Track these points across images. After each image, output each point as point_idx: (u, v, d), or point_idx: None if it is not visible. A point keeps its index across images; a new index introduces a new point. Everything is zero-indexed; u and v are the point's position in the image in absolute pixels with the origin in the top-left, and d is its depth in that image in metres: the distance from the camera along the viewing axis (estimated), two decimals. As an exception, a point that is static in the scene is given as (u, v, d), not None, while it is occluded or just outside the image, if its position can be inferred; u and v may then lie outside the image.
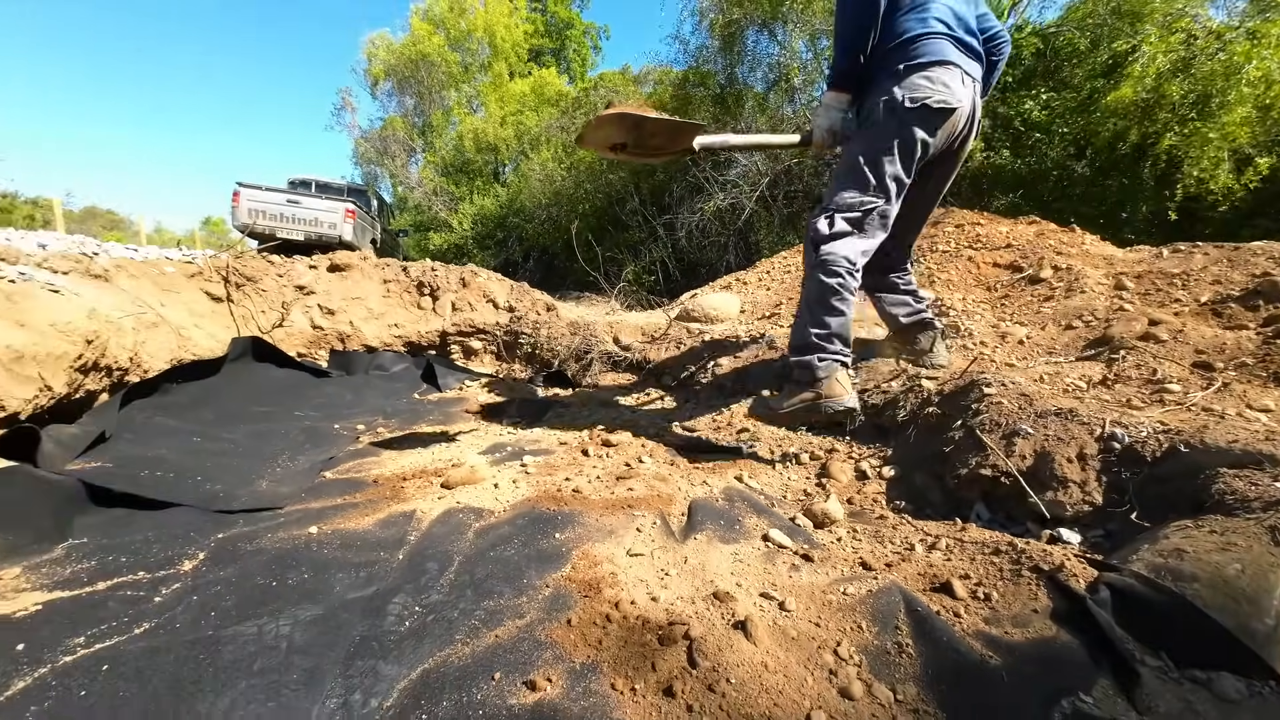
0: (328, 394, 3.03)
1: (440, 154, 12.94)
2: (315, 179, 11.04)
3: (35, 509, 1.29)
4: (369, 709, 0.80)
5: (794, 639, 0.90)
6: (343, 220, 9.56)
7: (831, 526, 1.41)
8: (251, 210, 9.17)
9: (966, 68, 1.67)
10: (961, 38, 1.68)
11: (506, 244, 11.08)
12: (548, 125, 11.34)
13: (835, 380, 1.70)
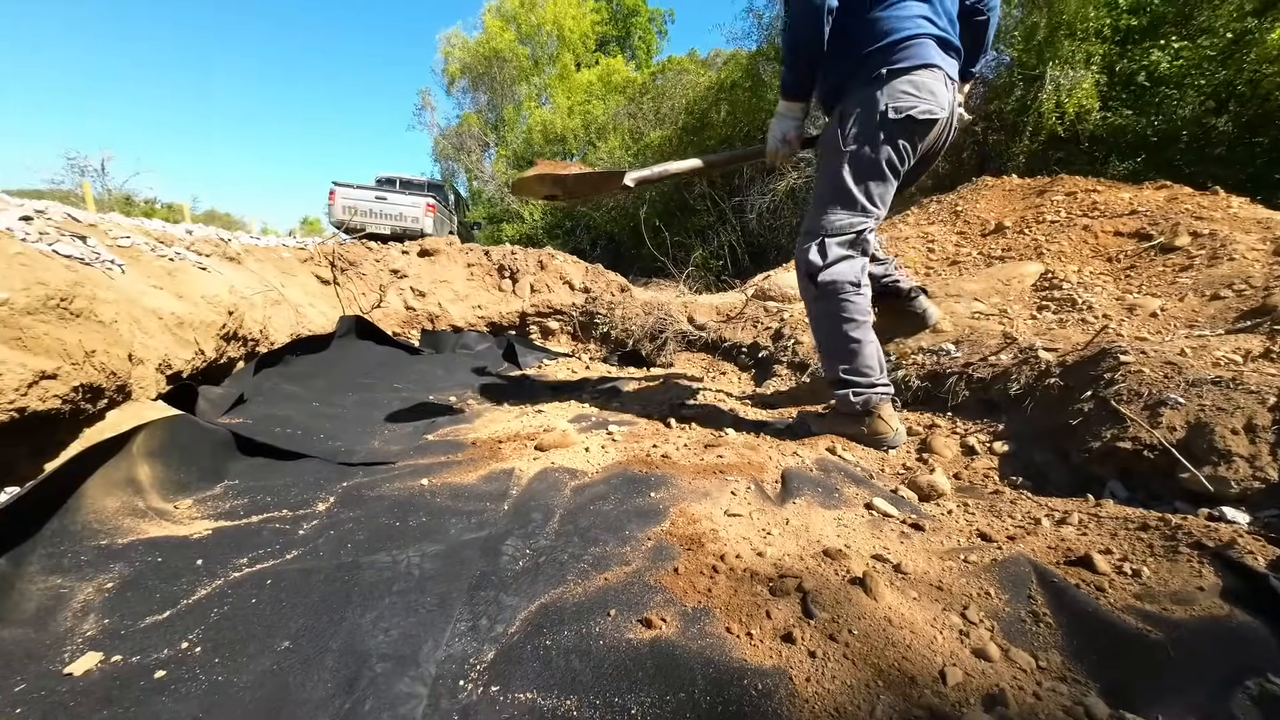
0: (420, 370, 3.24)
1: (512, 147, 13.38)
2: (399, 176, 11.81)
3: (198, 453, 1.47)
4: (495, 633, 0.85)
5: (915, 599, 0.86)
6: (424, 214, 10.18)
7: (939, 499, 1.33)
8: (345, 207, 9.96)
9: (949, 69, 1.53)
10: (944, 34, 1.52)
11: (575, 233, 11.30)
12: (615, 113, 11.40)
13: (879, 417, 1.62)
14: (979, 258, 3.46)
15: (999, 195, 4.48)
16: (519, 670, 0.77)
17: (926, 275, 3.48)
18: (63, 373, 1.12)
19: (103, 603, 0.93)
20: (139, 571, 1.01)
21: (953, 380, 1.88)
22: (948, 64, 1.53)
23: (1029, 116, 5.88)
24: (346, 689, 0.72)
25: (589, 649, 0.79)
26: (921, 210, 5.02)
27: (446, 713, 0.71)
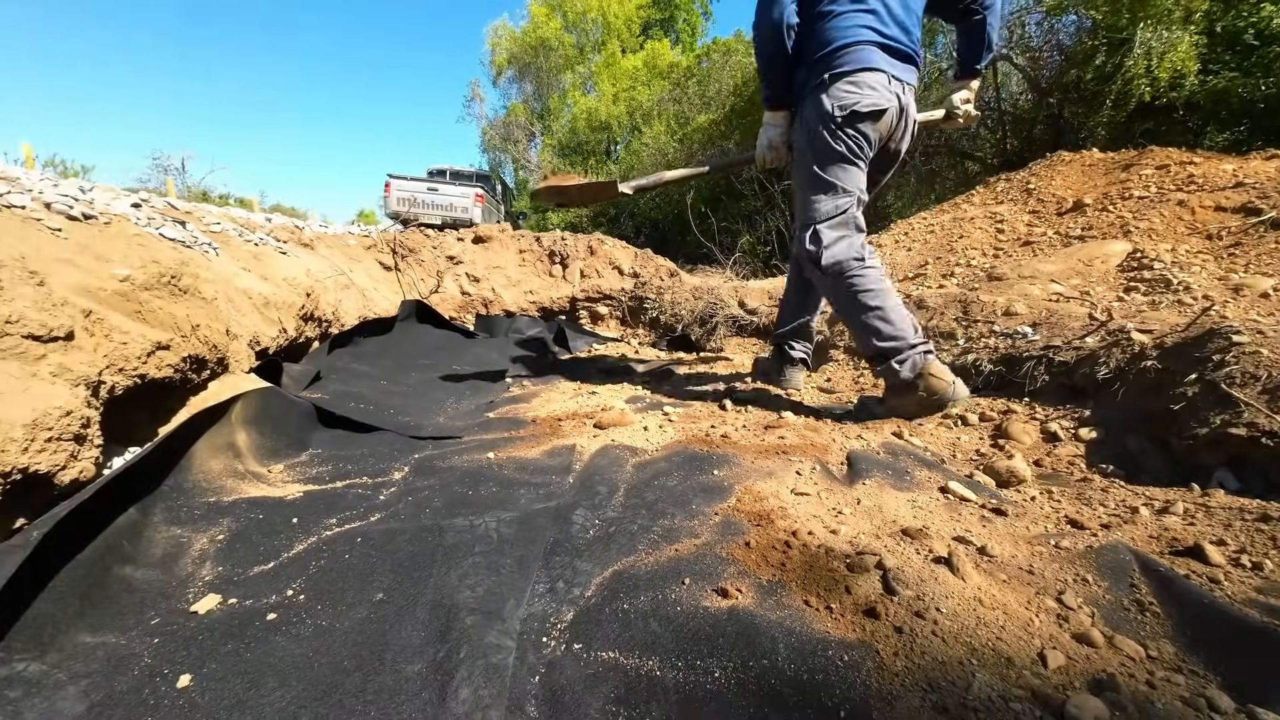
0: (476, 352, 3.35)
1: (557, 136, 13.48)
2: (449, 168, 12.14)
3: (287, 423, 1.58)
4: (572, 595, 0.88)
5: (1004, 582, 0.82)
6: (473, 204, 10.43)
7: (1019, 486, 1.26)
8: (400, 198, 10.32)
9: (894, 71, 1.65)
10: (890, 41, 1.65)
11: (619, 220, 11.31)
12: (660, 99, 11.27)
13: (930, 375, 1.64)
14: (1055, 237, 3.23)
15: (1077, 171, 4.16)
16: (599, 631, 0.78)
17: (995, 257, 3.28)
18: (174, 344, 1.22)
19: (216, 552, 1.02)
20: (244, 526, 1.10)
21: (1031, 364, 1.77)
22: (894, 67, 1.65)
23: (1113, 85, 5.41)
24: (440, 638, 0.76)
25: (667, 614, 0.80)
26: (988, 190, 4.73)
27: (533, 666, 0.73)
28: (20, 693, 0.66)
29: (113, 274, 1.14)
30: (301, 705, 0.66)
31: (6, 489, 0.77)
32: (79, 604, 0.81)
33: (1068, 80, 6.08)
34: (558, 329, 3.79)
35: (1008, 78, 7.15)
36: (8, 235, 1.00)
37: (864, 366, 2.52)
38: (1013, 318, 2.22)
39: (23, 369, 0.83)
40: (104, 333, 1.03)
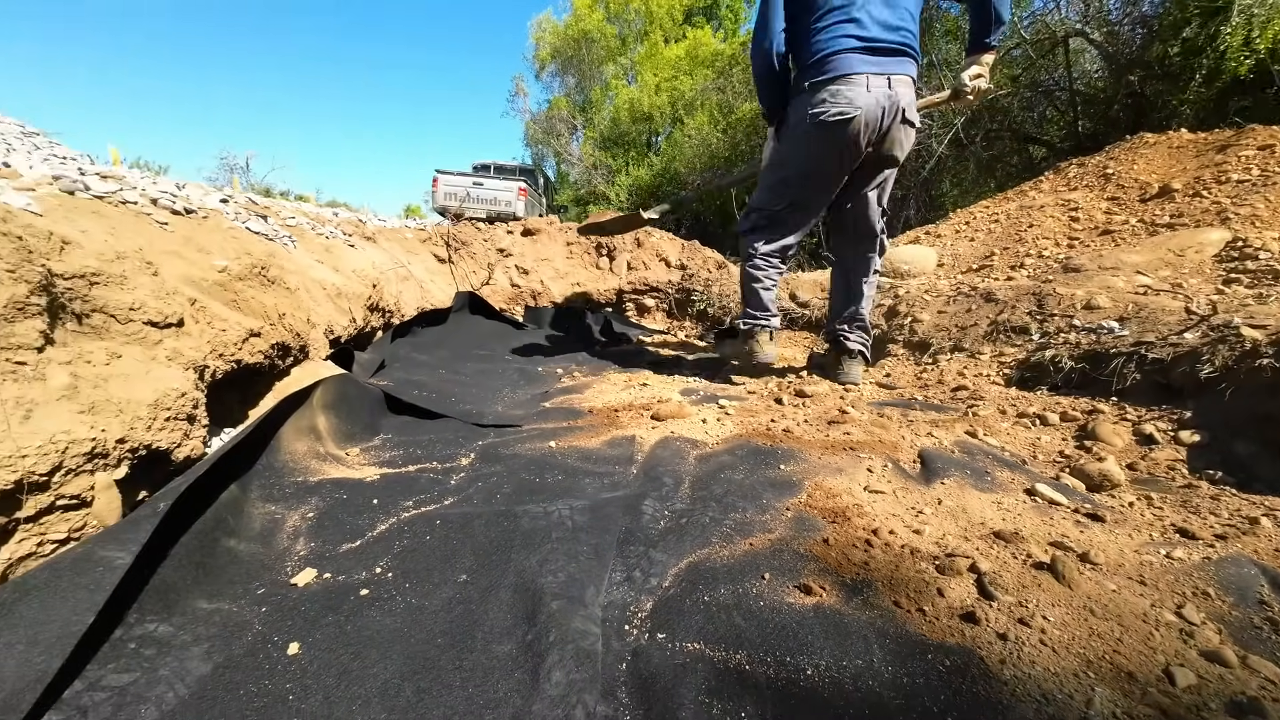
0: (526, 343, 3.41)
1: (599, 129, 13.50)
2: (493, 162, 12.36)
3: (360, 409, 1.65)
4: (650, 585, 0.88)
5: (1115, 592, 0.77)
6: (516, 198, 10.61)
7: (1113, 490, 1.18)
8: (447, 193, 10.60)
9: (878, 69, 1.77)
10: (873, 43, 1.77)
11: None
12: (703, 88, 11.11)
13: (756, 340, 2.24)
14: (1139, 226, 3.00)
15: (1163, 153, 3.84)
16: (681, 621, 0.78)
17: (1070, 247, 3.08)
18: (264, 331, 1.30)
19: (307, 528, 1.08)
20: (330, 505, 1.16)
21: (1119, 361, 1.66)
22: (877, 65, 1.78)
23: (1204, 58, 4.96)
24: (527, 620, 0.78)
25: (750, 608, 0.79)
26: (1059, 175, 4.44)
27: (619, 653, 0.74)
28: (154, 651, 0.71)
29: (212, 265, 1.21)
30: (404, 678, 0.69)
31: (134, 463, 0.83)
32: (195, 572, 0.86)
33: (1151, 56, 5.61)
34: (604, 321, 3.81)
35: (1080, 55, 6.67)
36: (126, 229, 1.08)
37: (925, 361, 2.42)
38: (1095, 312, 2.08)
39: (144, 353, 0.90)
40: (206, 320, 1.10)
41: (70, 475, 0.72)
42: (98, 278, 0.85)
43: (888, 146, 1.91)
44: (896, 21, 1.80)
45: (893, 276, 3.33)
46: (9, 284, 0.69)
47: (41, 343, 0.73)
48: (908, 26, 1.82)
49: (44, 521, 0.70)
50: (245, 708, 0.65)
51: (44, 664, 0.59)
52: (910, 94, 1.84)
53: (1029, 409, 1.69)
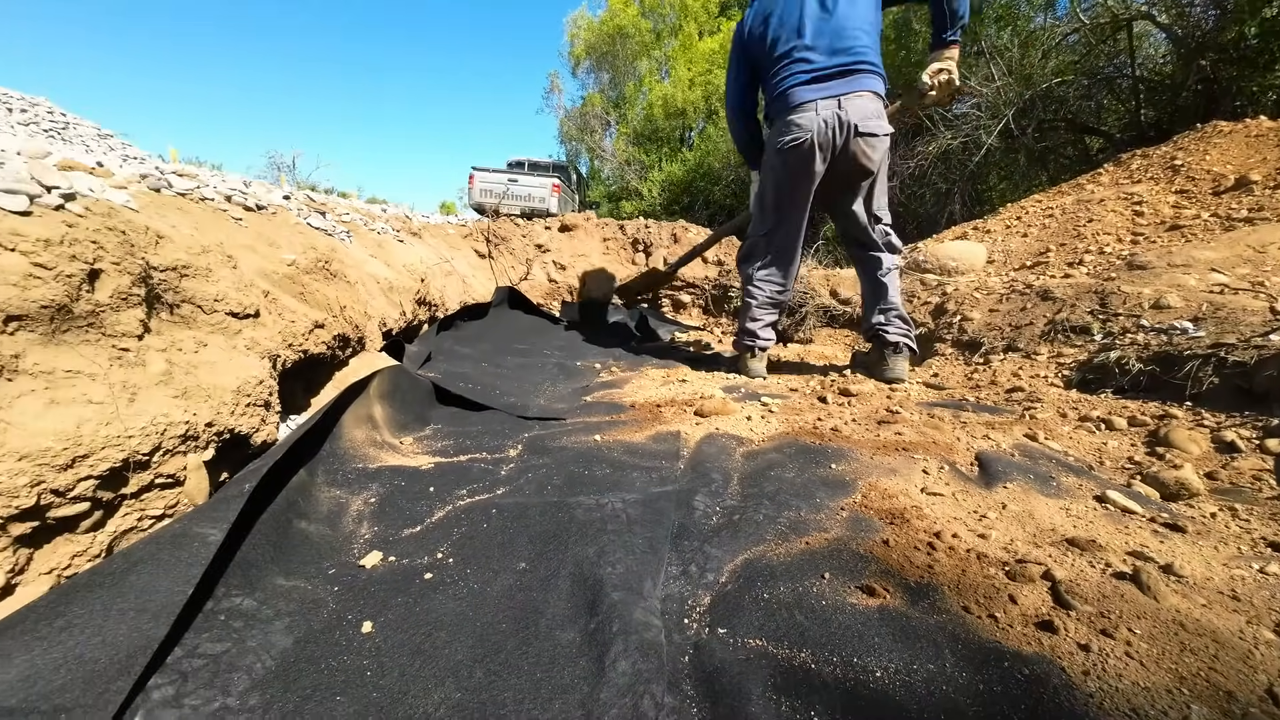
0: (564, 338, 3.44)
1: (632, 124, 13.49)
2: (528, 159, 12.51)
3: (412, 399, 1.70)
4: (706, 580, 0.88)
5: (1205, 607, 0.73)
6: (549, 194, 10.70)
7: (1191, 500, 1.12)
8: (482, 190, 10.77)
9: (821, 96, 2.00)
10: (820, 71, 2.01)
11: (693, 209, 11.18)
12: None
13: (744, 360, 2.41)
14: (1212, 220, 2.82)
15: (1239, 143, 3.59)
16: (742, 617, 0.78)
17: (1134, 243, 2.92)
18: (328, 323, 1.35)
19: (370, 513, 1.12)
20: (390, 492, 1.20)
21: (1195, 364, 1.56)
22: (826, 90, 2.00)
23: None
24: (588, 610, 0.79)
25: (811, 607, 0.78)
26: (1119, 168, 4.21)
27: (680, 645, 0.74)
28: (242, 623, 0.75)
29: (281, 259, 1.27)
30: (475, 660, 0.71)
31: (219, 446, 0.88)
32: (272, 551, 0.91)
33: (1225, 38, 5.24)
34: (640, 316, 3.81)
35: (1143, 39, 6.29)
36: (207, 225, 1.15)
37: (976, 361, 2.33)
38: (1164, 311, 1.97)
39: (225, 342, 0.95)
40: (277, 311, 1.15)
41: (167, 455, 0.77)
42: (187, 270, 0.90)
43: (851, 159, 2.07)
44: (845, 44, 2.01)
45: (939, 273, 3.22)
46: (115, 275, 0.74)
47: (141, 330, 0.78)
48: (860, 44, 2.01)
49: (144, 498, 0.75)
50: (328, 681, 0.68)
51: (151, 630, 0.63)
52: (866, 106, 2.01)
53: (1092, 412, 1.62)
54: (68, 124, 4.03)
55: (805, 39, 2.03)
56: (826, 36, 2.01)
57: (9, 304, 0.61)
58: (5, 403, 0.60)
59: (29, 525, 0.62)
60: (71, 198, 0.74)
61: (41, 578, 0.65)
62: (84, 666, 0.58)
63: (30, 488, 0.60)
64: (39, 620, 0.59)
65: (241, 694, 0.65)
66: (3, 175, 0.67)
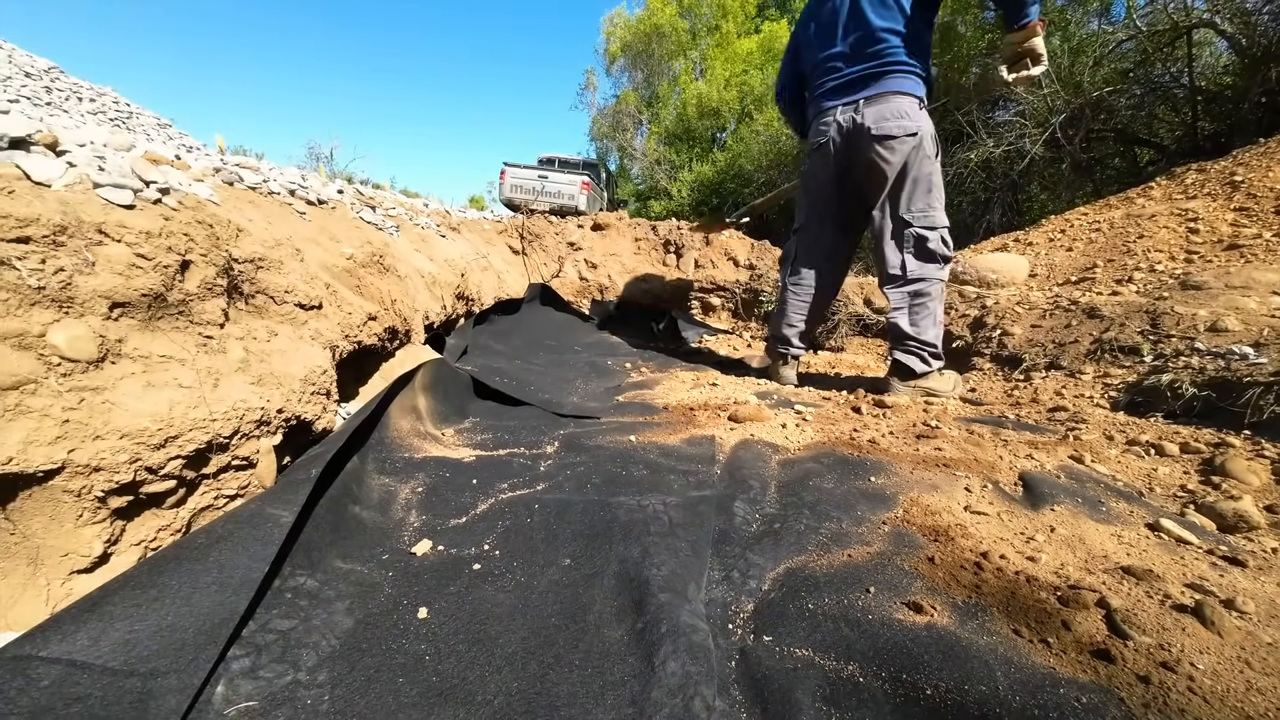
0: (595, 336, 3.48)
1: (664, 123, 13.48)
2: (558, 156, 12.60)
3: (453, 391, 1.74)
4: (749, 587, 0.89)
5: (1272, 645, 0.71)
6: (579, 192, 10.76)
7: (1250, 533, 1.08)
8: (513, 186, 10.89)
9: (842, 102, 2.15)
10: (846, 77, 2.14)
11: (721, 209, 11.12)
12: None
13: (774, 366, 2.50)
14: (1275, 241, 2.70)
15: (1306, 160, 3.42)
16: (786, 626, 0.79)
17: (1188, 261, 2.81)
18: (380, 315, 1.40)
19: (418, 502, 1.16)
20: (436, 482, 1.24)
21: (1255, 392, 1.51)
22: (847, 96, 2.14)
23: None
24: (635, 609, 0.81)
25: (857, 620, 0.78)
26: (1173, 181, 4.05)
27: (726, 650, 0.76)
28: (307, 602, 0.79)
29: (341, 252, 1.32)
30: (529, 652, 0.73)
31: (286, 431, 0.93)
32: (331, 534, 0.95)
33: (1293, 46, 4.99)
34: (670, 317, 3.82)
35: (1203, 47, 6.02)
36: (277, 218, 1.20)
37: (1016, 378, 2.28)
38: (1222, 334, 1.90)
39: (293, 332, 1.00)
40: (337, 303, 1.20)
41: (244, 439, 0.81)
42: (263, 262, 0.95)
43: (865, 163, 2.13)
44: (873, 47, 2.07)
45: (978, 285, 3.15)
46: (202, 266, 0.79)
47: (222, 319, 0.83)
48: (888, 44, 2.04)
49: (221, 478, 0.79)
50: (389, 663, 0.71)
51: (233, 604, 0.67)
52: (885, 108, 2.05)
53: (1141, 436, 1.57)
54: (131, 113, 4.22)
55: (837, 45, 2.14)
56: (855, 41, 2.10)
57: (115, 291, 0.66)
58: (110, 384, 0.64)
59: (125, 499, 0.66)
60: (166, 192, 0.79)
61: (131, 549, 0.70)
62: (175, 634, 0.62)
63: (129, 464, 0.65)
64: (135, 588, 0.63)
65: (310, 670, 0.69)
66: (110, 171, 0.72)
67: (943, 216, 2.13)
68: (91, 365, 0.63)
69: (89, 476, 0.62)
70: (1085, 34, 6.40)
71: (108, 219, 0.66)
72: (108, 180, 0.71)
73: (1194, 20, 5.41)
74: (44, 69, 4.15)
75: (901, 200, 2.13)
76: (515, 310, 3.38)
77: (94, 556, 0.64)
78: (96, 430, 0.62)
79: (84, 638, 0.58)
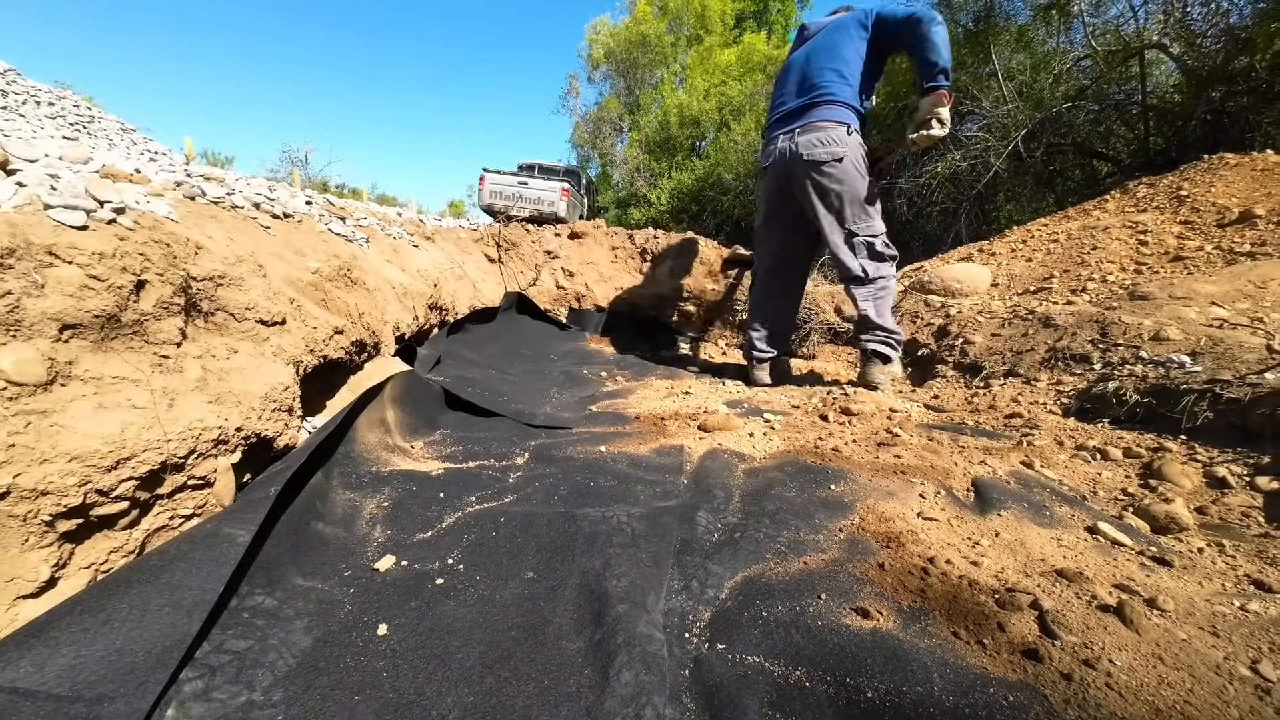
0: (571, 344, 3.49)
1: (645, 131, 13.58)
2: (538, 162, 12.60)
3: (423, 403, 1.74)
4: (707, 596, 0.92)
5: (1185, 641, 0.76)
6: (559, 198, 10.76)
7: (1180, 534, 1.15)
8: (492, 192, 10.83)
9: (783, 131, 2.42)
10: (787, 110, 2.44)
11: (701, 218, 11.24)
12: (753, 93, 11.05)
13: (752, 367, 2.67)
14: (1215, 253, 2.85)
15: (1245, 176, 3.62)
16: (740, 634, 0.82)
17: (1137, 272, 2.95)
18: (347, 329, 1.39)
19: (383, 516, 1.16)
20: (402, 496, 1.24)
21: (1190, 399, 1.59)
22: (785, 125, 2.42)
23: (1298, 74, 4.64)
24: (594, 621, 0.83)
25: (807, 626, 0.81)
26: (1126, 195, 4.24)
27: (680, 659, 0.78)
28: (264, 621, 0.79)
29: (306, 267, 1.32)
30: (487, 666, 0.74)
31: (245, 450, 0.92)
32: (291, 552, 0.95)
33: (1235, 69, 5.29)
34: (647, 326, 3.85)
35: (1154, 66, 6.33)
36: (239, 233, 1.19)
37: (977, 385, 2.36)
38: (1163, 343, 2.00)
39: (255, 348, 0.99)
40: (301, 318, 1.19)
41: (201, 459, 0.81)
42: (222, 279, 0.95)
43: (800, 185, 2.37)
44: (812, 82, 2.36)
45: (943, 294, 3.26)
46: (158, 285, 0.79)
47: (179, 338, 0.82)
48: (824, 79, 2.33)
49: (176, 498, 0.79)
50: (346, 681, 0.72)
51: (185, 626, 0.67)
52: (814, 136, 2.30)
53: (1088, 441, 1.65)
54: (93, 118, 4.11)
55: (788, 86, 2.47)
56: (800, 80, 2.42)
57: (65, 313, 0.65)
58: (59, 407, 0.64)
59: (74, 522, 0.66)
60: (122, 211, 0.78)
61: (81, 572, 0.69)
62: (123, 659, 0.62)
63: (78, 487, 0.64)
64: (83, 612, 0.63)
65: (265, 689, 0.69)
66: (62, 191, 0.72)
67: (881, 224, 2.41)
68: (39, 388, 0.62)
69: (35, 500, 0.61)
70: (1046, 51, 6.68)
71: (58, 240, 0.66)
72: (59, 201, 0.70)
73: (1145, 42, 5.70)
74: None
75: (846, 214, 2.36)
76: (491, 319, 3.37)
77: (41, 581, 0.64)
78: (44, 454, 0.61)
79: (28, 664, 0.58)
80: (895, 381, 2.50)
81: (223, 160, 16.77)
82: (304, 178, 17.28)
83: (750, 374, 2.66)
